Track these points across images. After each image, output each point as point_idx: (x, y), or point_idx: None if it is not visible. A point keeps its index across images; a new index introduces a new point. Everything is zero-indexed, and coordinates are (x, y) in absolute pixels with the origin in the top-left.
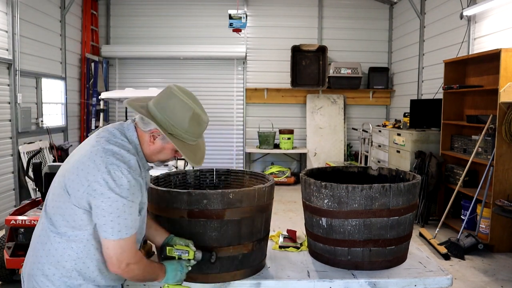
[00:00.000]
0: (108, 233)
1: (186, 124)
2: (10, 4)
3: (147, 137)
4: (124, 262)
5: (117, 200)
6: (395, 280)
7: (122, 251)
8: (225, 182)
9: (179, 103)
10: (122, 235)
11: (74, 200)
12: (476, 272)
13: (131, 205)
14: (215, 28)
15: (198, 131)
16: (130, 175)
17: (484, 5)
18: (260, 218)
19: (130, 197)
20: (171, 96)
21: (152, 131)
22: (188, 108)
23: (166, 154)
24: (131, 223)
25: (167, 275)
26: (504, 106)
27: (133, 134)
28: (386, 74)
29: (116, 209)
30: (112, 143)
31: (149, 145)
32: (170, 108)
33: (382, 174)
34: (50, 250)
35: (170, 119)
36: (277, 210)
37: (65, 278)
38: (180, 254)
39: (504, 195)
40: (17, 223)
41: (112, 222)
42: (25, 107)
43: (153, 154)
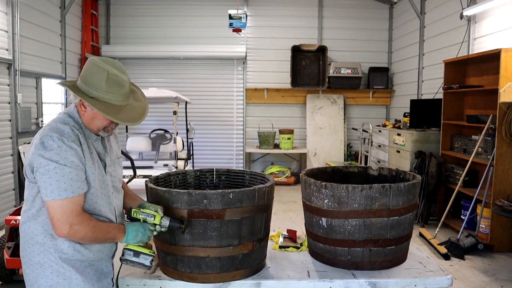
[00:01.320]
0: (44, 194)
1: (103, 85)
2: (10, 4)
3: (80, 108)
4: (66, 223)
5: (47, 164)
6: (395, 280)
7: (62, 212)
8: (225, 182)
9: (94, 67)
10: (55, 196)
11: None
12: (476, 272)
13: (63, 168)
14: (215, 28)
15: (121, 91)
16: (60, 141)
17: (484, 5)
18: (260, 218)
19: (61, 161)
20: (89, 64)
21: (80, 100)
22: (102, 70)
23: (100, 120)
24: (64, 185)
25: (127, 235)
26: (504, 106)
27: (74, 110)
28: (386, 74)
29: (47, 171)
30: (52, 121)
31: (83, 115)
32: (88, 74)
33: (382, 174)
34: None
35: (89, 84)
36: (277, 210)
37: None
38: (146, 217)
39: (504, 195)
40: (17, 223)
41: (45, 183)
42: (25, 107)
43: (89, 122)
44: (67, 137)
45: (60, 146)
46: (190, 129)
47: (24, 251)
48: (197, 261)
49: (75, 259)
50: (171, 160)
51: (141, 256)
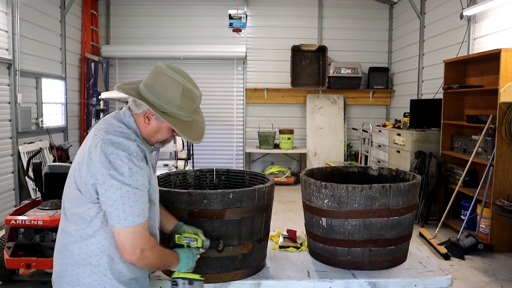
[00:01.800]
0: (115, 221)
1: (177, 100)
2: (10, 4)
3: (142, 119)
4: (138, 249)
5: (120, 188)
6: (395, 280)
7: (133, 238)
8: (225, 182)
9: (168, 80)
10: (129, 223)
11: (86, 195)
12: (476, 272)
13: (136, 192)
14: (215, 28)
15: (191, 107)
16: (130, 162)
17: (484, 5)
18: (260, 218)
19: (133, 184)
20: (160, 74)
21: (145, 112)
22: (178, 84)
23: (163, 134)
24: (138, 210)
25: (181, 262)
26: (504, 106)
27: (130, 119)
28: (386, 74)
29: (120, 197)
30: (111, 132)
31: (145, 127)
32: (159, 86)
33: (382, 174)
34: (74, 250)
35: (161, 97)
36: (277, 210)
37: (95, 276)
38: (189, 242)
39: (504, 195)
40: (17, 223)
41: (117, 210)
42: (25, 107)
43: (150, 135)
44: (136, 156)
45: (131, 168)
46: None
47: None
48: (197, 261)
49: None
50: (171, 160)
51: (195, 283)
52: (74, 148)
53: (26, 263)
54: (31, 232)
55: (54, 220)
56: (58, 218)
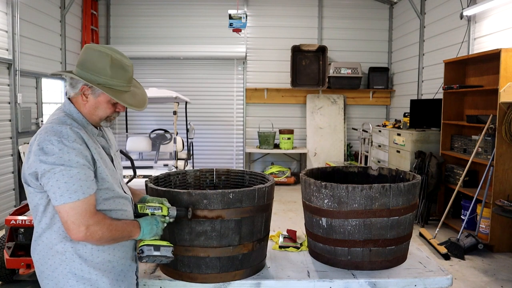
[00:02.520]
0: (54, 199)
1: (108, 70)
2: (10, 4)
3: (80, 98)
4: (82, 225)
5: (52, 168)
6: (395, 280)
7: (74, 214)
8: (225, 182)
9: (96, 53)
10: (65, 200)
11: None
12: (476, 272)
13: (69, 169)
14: (215, 28)
15: (124, 76)
16: (60, 144)
17: (484, 5)
18: (260, 218)
19: (66, 163)
20: (87, 50)
21: (81, 89)
22: (105, 55)
23: (103, 109)
24: (74, 186)
25: (142, 229)
26: (504, 106)
27: (69, 106)
28: (386, 74)
29: (54, 175)
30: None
31: (84, 105)
32: (88, 61)
33: (382, 174)
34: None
35: (92, 71)
36: (277, 210)
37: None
38: (153, 210)
39: (504, 195)
40: (17, 223)
41: (53, 187)
42: (25, 107)
43: (91, 113)
44: (67, 138)
45: (62, 149)
46: (190, 129)
47: (43, 265)
48: (197, 261)
49: (101, 260)
50: (171, 160)
51: (161, 249)
52: None
53: (26, 263)
54: (31, 232)
55: None
56: None
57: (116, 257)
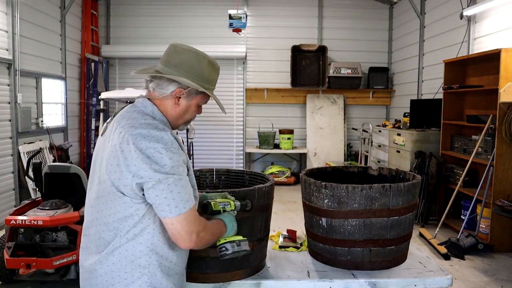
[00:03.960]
0: (167, 211)
1: (205, 72)
2: (10, 4)
3: (171, 101)
4: (194, 233)
5: (166, 178)
6: (395, 280)
7: (187, 223)
8: (225, 182)
9: (193, 54)
10: (180, 210)
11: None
12: (476, 272)
13: (180, 179)
14: (215, 28)
15: (216, 77)
16: (169, 152)
17: (484, 5)
18: (260, 218)
19: (176, 172)
20: (182, 51)
21: (174, 93)
22: (202, 56)
23: (191, 112)
24: (186, 196)
25: (227, 227)
26: (504, 106)
27: (153, 109)
28: (386, 74)
29: (168, 187)
30: (137, 127)
31: (174, 109)
32: (186, 63)
33: (382, 174)
34: (120, 254)
35: (189, 74)
36: (277, 210)
37: (145, 277)
38: (224, 206)
39: (504, 195)
40: (17, 223)
41: (167, 199)
42: (25, 107)
43: (179, 117)
44: (171, 145)
45: (171, 158)
46: (190, 129)
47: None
48: (197, 261)
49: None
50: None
51: (242, 244)
52: (74, 148)
53: (26, 263)
54: (31, 232)
55: (54, 220)
56: (58, 218)
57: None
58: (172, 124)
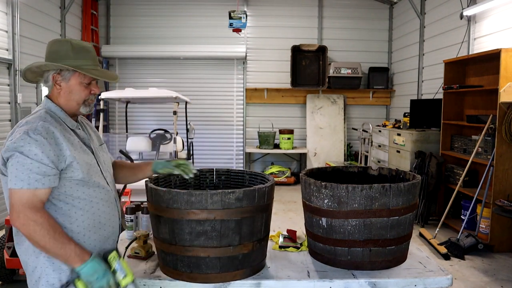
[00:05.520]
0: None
1: (71, 53)
2: (10, 4)
3: (55, 89)
4: (21, 214)
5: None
6: (395, 280)
7: (18, 201)
8: (225, 182)
9: (55, 42)
10: (12, 185)
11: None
12: (476, 272)
13: (25, 159)
14: (215, 28)
15: (89, 55)
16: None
17: (484, 5)
18: (260, 218)
19: (25, 152)
20: (49, 44)
21: (53, 78)
22: (64, 41)
23: (77, 92)
24: (23, 175)
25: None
26: (504, 106)
27: (47, 102)
28: (386, 74)
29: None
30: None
31: (59, 95)
32: (52, 51)
33: (382, 174)
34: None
35: (57, 59)
36: (277, 210)
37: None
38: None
39: (504, 195)
40: None
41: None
42: (25, 107)
43: (67, 99)
44: (34, 131)
45: (24, 139)
46: (190, 129)
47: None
48: (197, 261)
49: None
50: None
51: None
52: None
53: None
54: None
55: None
56: None
57: None
58: (68, 110)
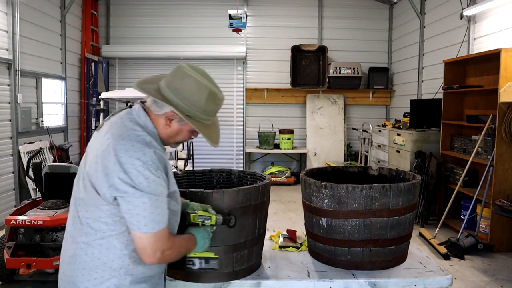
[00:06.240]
0: (135, 226)
1: (203, 104)
2: (10, 4)
3: (163, 121)
4: (158, 251)
5: (139, 197)
6: (395, 280)
7: (155, 241)
8: (224, 182)
9: (194, 83)
10: (149, 229)
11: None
12: (476, 272)
13: (156, 199)
14: (215, 28)
15: (215, 110)
16: (147, 171)
17: (484, 5)
18: (256, 217)
19: (152, 192)
20: (185, 76)
21: (167, 114)
22: (204, 87)
23: (183, 136)
24: (158, 217)
25: (198, 244)
26: (504, 106)
27: (145, 120)
28: (386, 74)
29: (142, 204)
30: (125, 137)
31: (165, 129)
32: (185, 89)
33: (382, 174)
34: (93, 254)
35: (186, 101)
36: (277, 210)
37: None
38: (203, 220)
39: (504, 195)
40: (17, 223)
41: (138, 216)
42: (25, 107)
43: (169, 137)
44: (151, 165)
45: (148, 178)
46: None
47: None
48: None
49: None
50: (171, 160)
51: (211, 262)
52: (74, 148)
53: (26, 263)
54: (31, 232)
55: (54, 220)
56: (58, 218)
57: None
58: (162, 140)
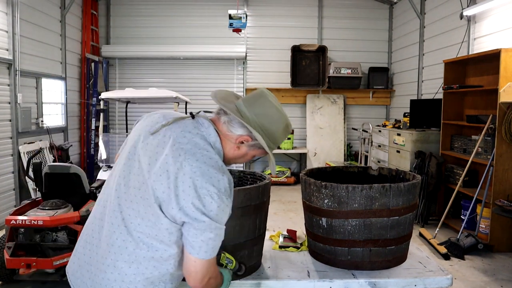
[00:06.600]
0: (195, 251)
1: (279, 135)
2: (10, 4)
3: (233, 142)
4: (207, 277)
5: (209, 225)
6: (395, 280)
7: (207, 267)
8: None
9: (277, 114)
10: (207, 256)
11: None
12: (476, 272)
13: (220, 228)
14: (215, 28)
15: (284, 139)
16: (220, 200)
17: (484, 5)
18: (255, 217)
19: (219, 221)
20: (270, 105)
21: (243, 138)
22: (283, 120)
23: (245, 159)
24: (217, 244)
25: (224, 284)
26: (504, 106)
27: (216, 140)
28: (386, 74)
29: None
30: (199, 159)
31: (233, 150)
32: (269, 119)
33: (382, 174)
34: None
35: (266, 130)
36: (277, 210)
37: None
38: (228, 263)
39: (504, 195)
40: (17, 223)
41: (202, 242)
42: (25, 107)
43: (234, 159)
44: (225, 193)
45: (220, 206)
46: None
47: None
48: None
49: None
50: None
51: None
52: (74, 148)
53: (26, 263)
54: (31, 232)
55: (54, 220)
56: (58, 218)
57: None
58: (225, 160)
